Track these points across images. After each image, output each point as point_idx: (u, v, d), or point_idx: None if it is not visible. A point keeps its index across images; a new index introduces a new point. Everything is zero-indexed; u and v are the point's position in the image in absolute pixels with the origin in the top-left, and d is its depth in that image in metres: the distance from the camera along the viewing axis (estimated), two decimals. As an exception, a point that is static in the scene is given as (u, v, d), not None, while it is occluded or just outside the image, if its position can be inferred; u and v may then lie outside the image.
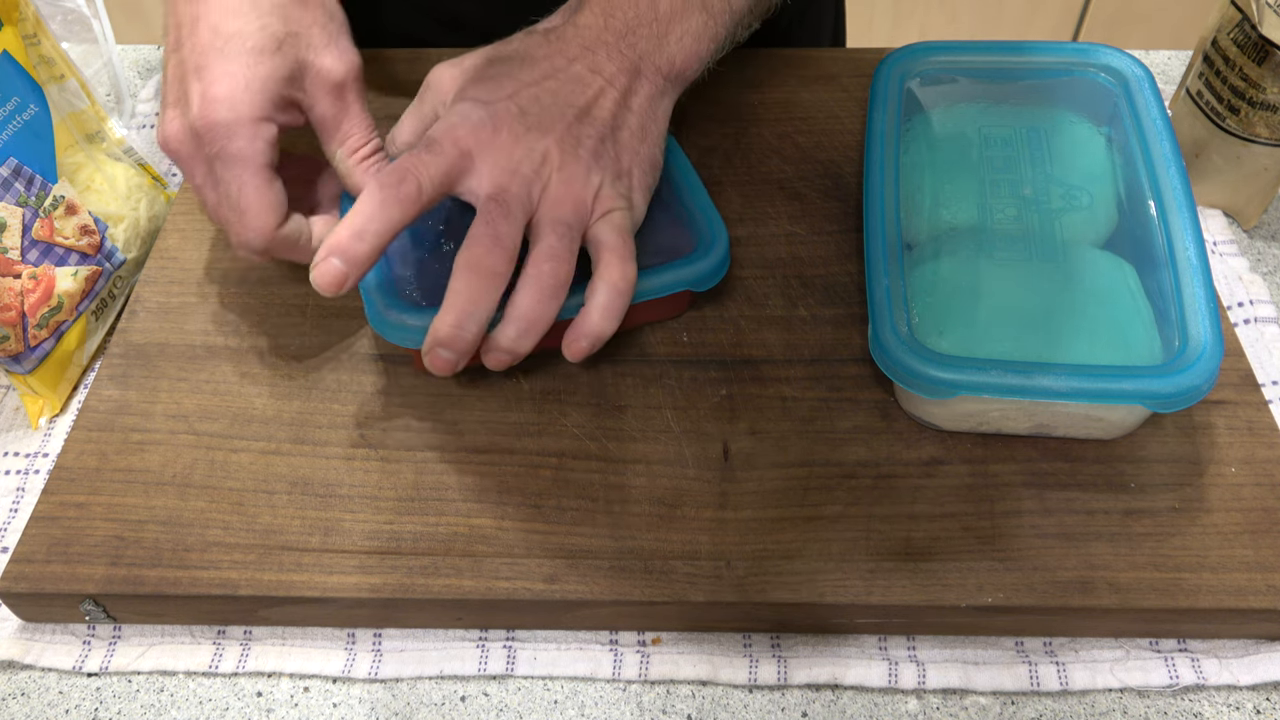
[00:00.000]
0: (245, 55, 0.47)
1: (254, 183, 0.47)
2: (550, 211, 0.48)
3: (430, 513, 0.49)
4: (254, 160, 0.47)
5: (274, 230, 0.49)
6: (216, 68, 0.47)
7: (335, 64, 0.49)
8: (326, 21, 0.49)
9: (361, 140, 0.51)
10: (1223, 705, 0.46)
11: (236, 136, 0.47)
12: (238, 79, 0.46)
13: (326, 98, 0.49)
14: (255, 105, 0.47)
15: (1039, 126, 0.56)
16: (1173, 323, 0.48)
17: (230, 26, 0.47)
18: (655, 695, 0.47)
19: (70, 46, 0.69)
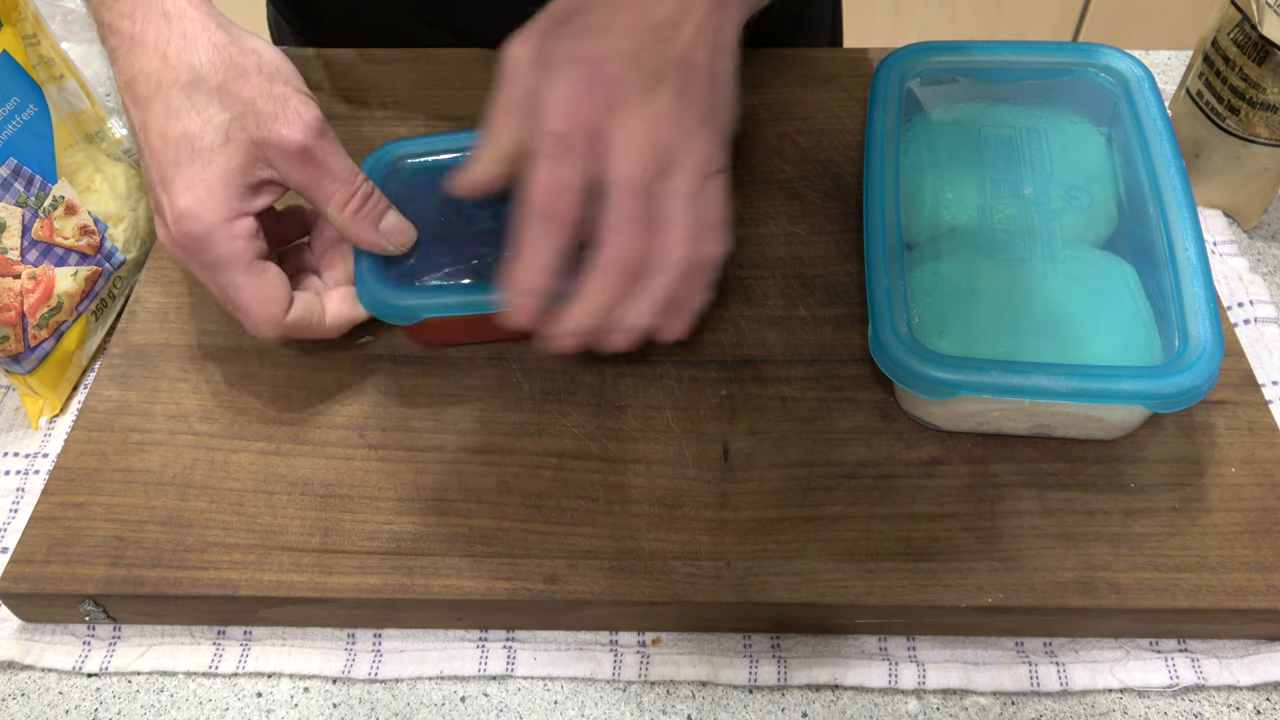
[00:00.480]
0: (196, 159, 0.45)
1: (244, 282, 0.47)
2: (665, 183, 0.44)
3: (430, 513, 0.49)
4: (238, 261, 0.46)
5: (280, 319, 0.48)
6: (177, 180, 0.45)
7: (289, 132, 0.46)
8: (269, 88, 0.46)
9: (347, 194, 0.49)
10: (1223, 705, 0.46)
11: (213, 244, 0.46)
12: (197, 188, 0.45)
13: (295, 166, 0.47)
14: (221, 208, 0.46)
15: (1039, 126, 0.56)
16: (1173, 323, 0.48)
17: (175, 129, 0.45)
18: (655, 695, 0.47)
19: (70, 46, 0.69)
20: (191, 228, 0.45)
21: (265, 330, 0.48)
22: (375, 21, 0.73)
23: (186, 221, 0.45)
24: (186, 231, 0.46)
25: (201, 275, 0.48)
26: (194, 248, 0.46)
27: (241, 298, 0.47)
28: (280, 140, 0.46)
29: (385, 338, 0.55)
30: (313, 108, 0.47)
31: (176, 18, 0.46)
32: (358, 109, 0.65)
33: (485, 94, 0.66)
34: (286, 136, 0.46)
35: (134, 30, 0.47)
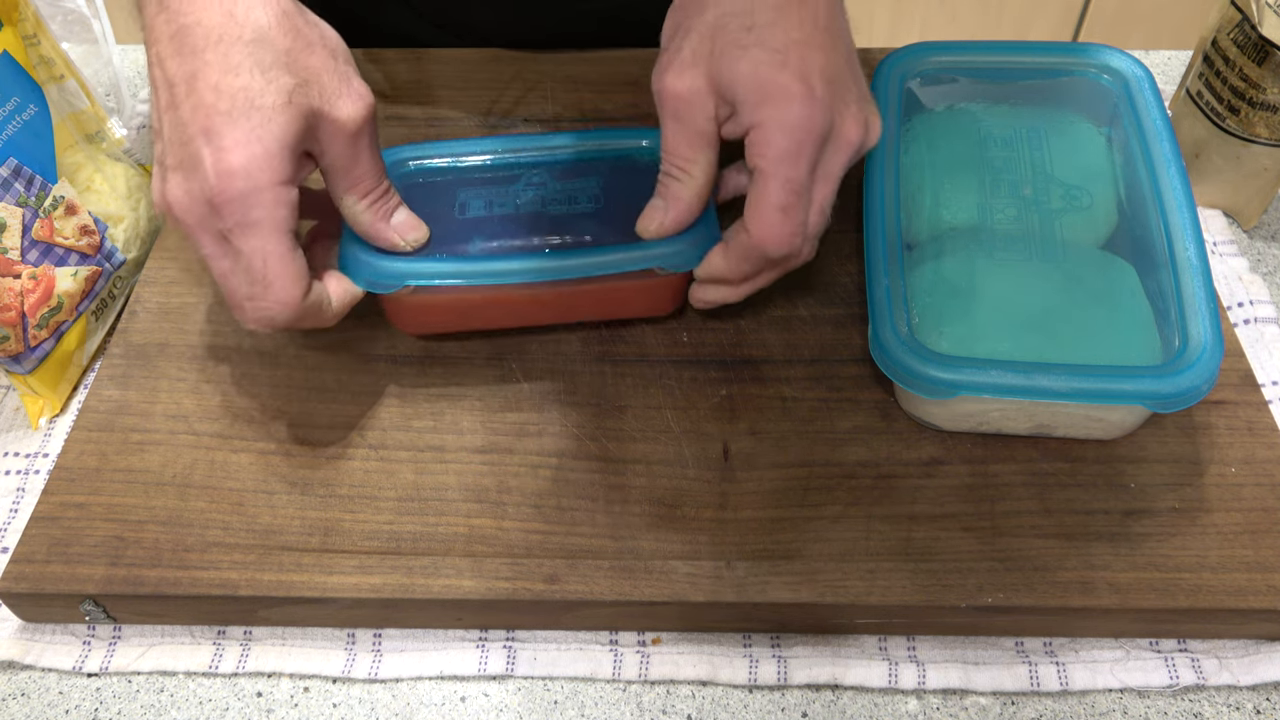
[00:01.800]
0: (255, 114, 0.43)
1: (278, 252, 0.44)
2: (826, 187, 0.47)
3: (430, 513, 0.49)
4: (277, 229, 0.44)
5: (300, 301, 0.46)
6: (227, 134, 0.43)
7: (351, 111, 0.45)
8: (334, 64, 0.46)
9: (372, 184, 0.48)
10: (1223, 705, 0.46)
11: (257, 206, 0.43)
12: (252, 145, 0.43)
13: (342, 146, 0.46)
14: (275, 171, 0.43)
15: (1039, 126, 0.56)
16: (1173, 323, 0.48)
17: (234, 83, 0.43)
18: (655, 695, 0.47)
19: (70, 46, 0.69)
20: (240, 185, 0.43)
21: (280, 310, 0.45)
22: (379, 21, 0.73)
23: (233, 178, 0.43)
24: (230, 190, 0.43)
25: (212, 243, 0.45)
26: (233, 207, 0.43)
27: (270, 268, 0.44)
28: (340, 118, 0.45)
29: (386, 338, 0.55)
30: (370, 93, 0.47)
31: None
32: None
33: (486, 94, 0.66)
34: (347, 116, 0.45)
35: None
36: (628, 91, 0.66)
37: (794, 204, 0.46)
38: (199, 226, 0.44)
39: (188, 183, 0.44)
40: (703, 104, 0.47)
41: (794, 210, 0.46)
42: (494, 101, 0.66)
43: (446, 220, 0.53)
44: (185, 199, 0.44)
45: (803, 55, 0.45)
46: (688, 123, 0.47)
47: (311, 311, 0.47)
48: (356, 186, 0.48)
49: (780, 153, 0.45)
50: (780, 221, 0.46)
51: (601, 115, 0.65)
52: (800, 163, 0.45)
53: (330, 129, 0.45)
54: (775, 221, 0.46)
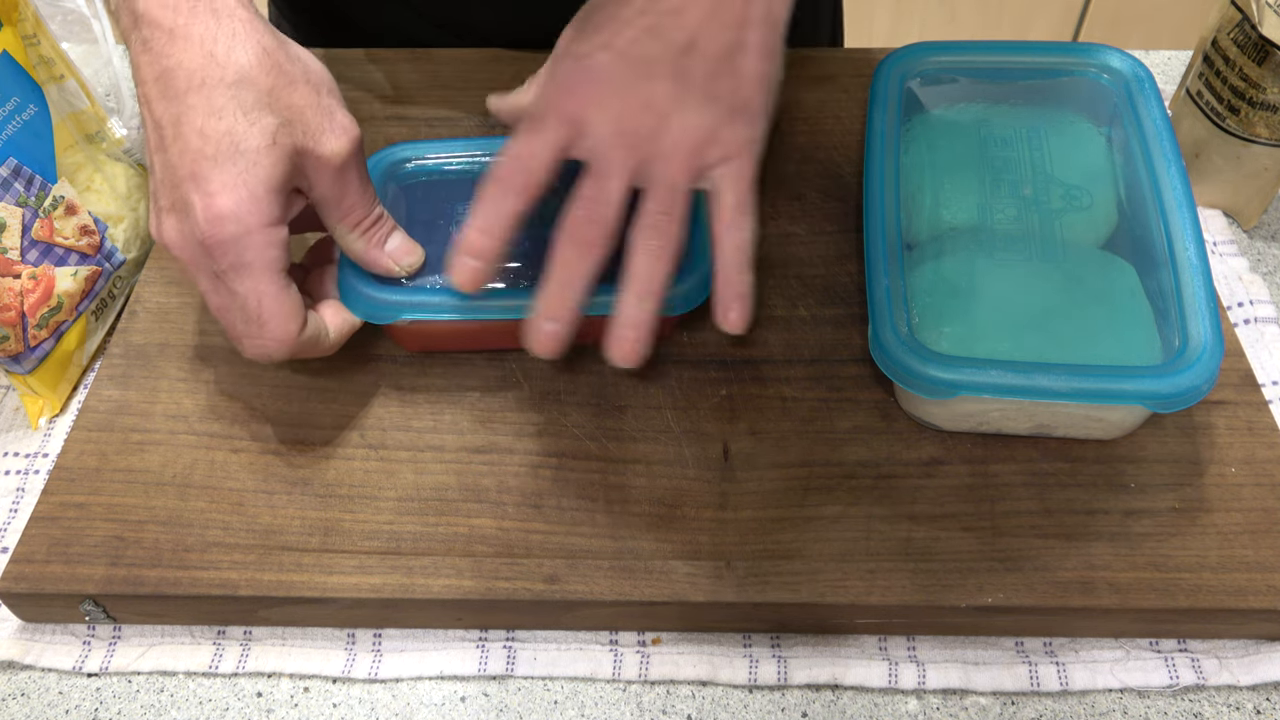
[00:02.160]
0: (240, 159, 0.43)
1: (270, 292, 0.45)
2: (658, 167, 0.46)
3: (430, 513, 0.49)
4: (268, 270, 0.45)
5: (295, 338, 0.46)
6: (215, 178, 0.43)
7: (335, 147, 0.46)
8: (318, 100, 0.46)
9: (364, 214, 0.49)
10: (1223, 705, 0.46)
11: (248, 249, 0.44)
12: (239, 190, 0.43)
13: (329, 180, 0.46)
14: (262, 213, 0.44)
15: (1039, 126, 0.56)
16: (1173, 323, 0.48)
17: (218, 127, 0.43)
18: (655, 695, 0.47)
19: (70, 46, 0.69)
20: (229, 230, 0.43)
21: (276, 348, 0.46)
22: (379, 21, 0.73)
23: (225, 223, 0.43)
24: (219, 234, 0.43)
25: (208, 281, 0.46)
26: (224, 250, 0.44)
27: (265, 308, 0.45)
28: (325, 152, 0.45)
29: (386, 338, 0.55)
30: (354, 124, 0.47)
31: (226, 16, 0.45)
32: (358, 109, 0.65)
33: (486, 94, 0.66)
34: (333, 150, 0.46)
35: (176, 23, 0.44)
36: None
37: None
38: (194, 266, 0.45)
39: (180, 225, 0.44)
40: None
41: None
42: (494, 101, 0.66)
43: (444, 235, 0.52)
44: (179, 240, 0.45)
45: None
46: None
47: (308, 345, 0.48)
48: (347, 218, 0.48)
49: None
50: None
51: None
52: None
53: (315, 165, 0.46)
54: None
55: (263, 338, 0.46)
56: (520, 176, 0.46)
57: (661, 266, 0.46)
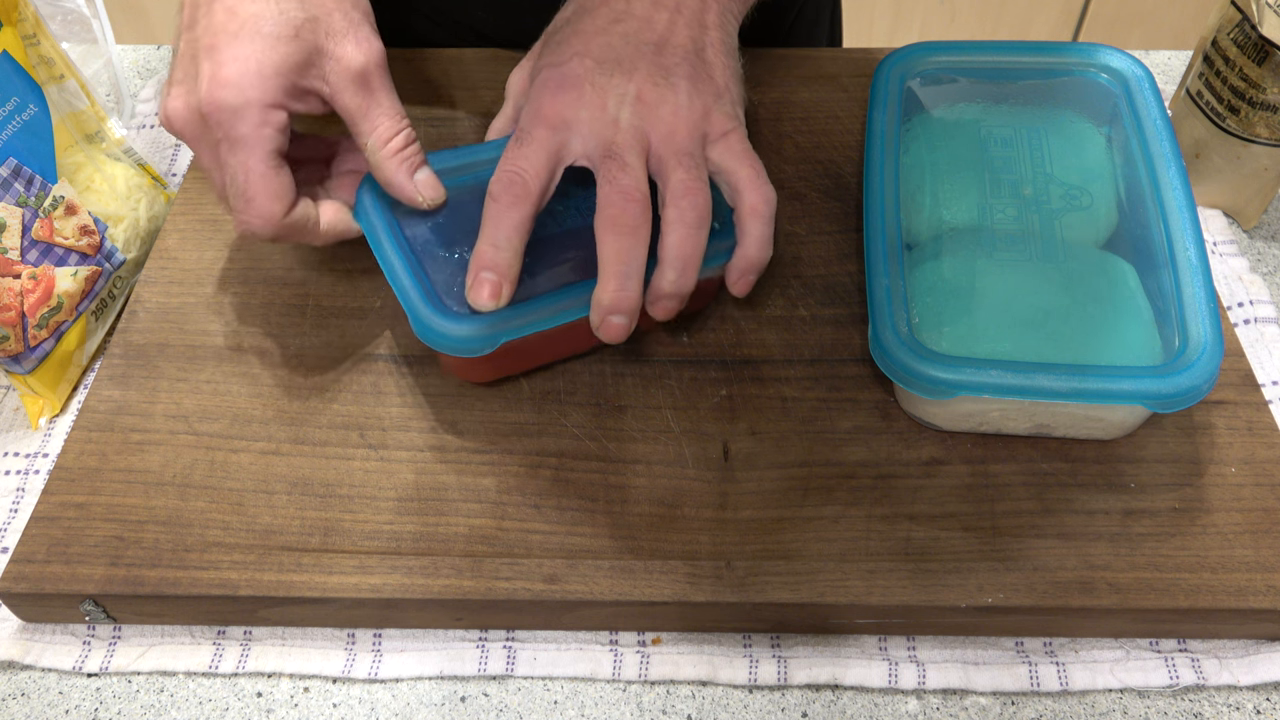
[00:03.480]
0: (259, 39, 0.45)
1: (259, 169, 0.46)
2: (667, 146, 0.47)
3: (430, 513, 0.49)
4: (260, 146, 0.46)
5: (280, 218, 0.47)
6: (228, 50, 0.45)
7: (355, 52, 0.47)
8: (349, 8, 0.48)
9: (391, 131, 0.49)
10: (1223, 705, 0.46)
11: (242, 121, 0.45)
12: (249, 62, 0.45)
13: (350, 87, 0.48)
14: (265, 90, 0.45)
15: (1039, 126, 0.56)
16: (1173, 323, 0.48)
17: (247, 9, 0.46)
18: (655, 695, 0.47)
19: (70, 46, 0.69)
20: (226, 98, 0.45)
21: (259, 225, 0.47)
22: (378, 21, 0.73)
23: (224, 89, 0.45)
24: (218, 100, 0.45)
25: (208, 154, 0.47)
26: (218, 119, 0.45)
27: (251, 184, 0.46)
28: (344, 56, 0.47)
29: (386, 338, 0.55)
30: (379, 41, 0.48)
31: None
32: (358, 109, 0.65)
33: (486, 94, 0.66)
34: (350, 55, 0.47)
35: None
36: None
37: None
38: (194, 139, 0.47)
39: (185, 95, 0.46)
40: None
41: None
42: (494, 101, 0.66)
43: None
44: (182, 110, 0.46)
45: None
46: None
47: (294, 229, 0.49)
48: (374, 131, 0.48)
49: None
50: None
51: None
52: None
53: (335, 67, 0.47)
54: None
55: (248, 213, 0.47)
56: (517, 188, 0.46)
57: (698, 234, 0.47)
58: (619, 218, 0.46)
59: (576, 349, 0.54)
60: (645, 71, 0.48)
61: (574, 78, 0.48)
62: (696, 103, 0.48)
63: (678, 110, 0.48)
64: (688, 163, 0.47)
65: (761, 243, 0.49)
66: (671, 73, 0.48)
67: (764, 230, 0.49)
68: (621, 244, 0.46)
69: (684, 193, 0.47)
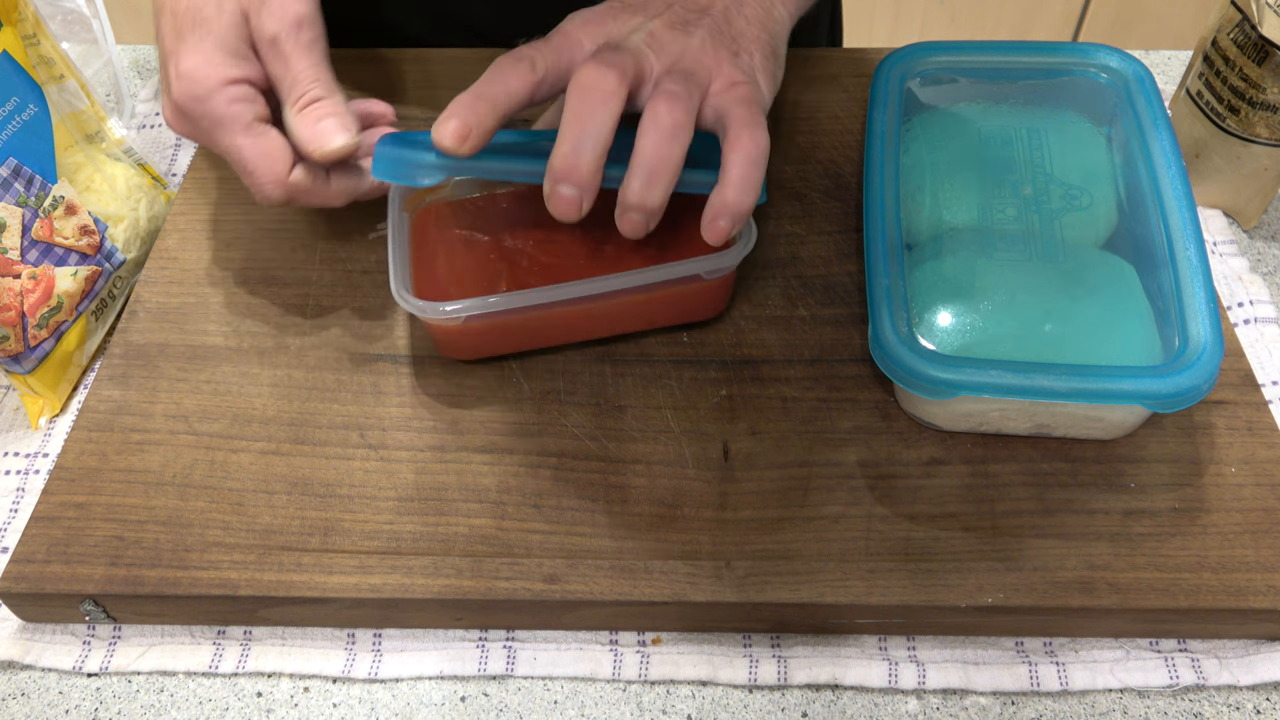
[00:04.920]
0: (199, 27, 0.48)
1: (245, 143, 0.48)
2: (667, 64, 0.47)
3: (430, 513, 0.49)
4: (236, 122, 0.48)
5: (284, 178, 0.49)
6: (180, 47, 0.48)
7: (268, 19, 0.48)
8: None
9: (299, 91, 0.49)
10: (1223, 705, 0.46)
11: (212, 105, 0.48)
12: (196, 53, 0.48)
13: (269, 53, 0.49)
14: (217, 70, 0.48)
15: (1039, 126, 0.56)
16: (1173, 323, 0.48)
17: (184, 5, 0.49)
18: (655, 695, 0.47)
19: (70, 46, 0.69)
20: (191, 89, 0.48)
21: (271, 189, 0.49)
22: (378, 20, 0.73)
23: (187, 82, 0.48)
24: (187, 92, 0.48)
25: (207, 143, 0.50)
26: (195, 110, 0.48)
27: (245, 157, 0.48)
28: (260, 25, 0.49)
29: (386, 338, 0.55)
30: (300, 3, 0.49)
31: None
32: (358, 109, 0.65)
33: (485, 94, 0.66)
34: (263, 22, 0.49)
35: None
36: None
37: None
38: (191, 134, 0.50)
39: (167, 98, 0.49)
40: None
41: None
42: (494, 101, 0.66)
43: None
44: (170, 114, 0.50)
45: None
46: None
47: (304, 190, 0.50)
48: (289, 96, 0.49)
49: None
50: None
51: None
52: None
53: (257, 36, 0.49)
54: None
55: (254, 183, 0.49)
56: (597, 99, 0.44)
57: (670, 144, 0.44)
58: (589, 82, 0.44)
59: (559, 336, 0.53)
60: (667, 18, 0.49)
61: (598, 14, 0.49)
62: (709, 50, 0.48)
63: (687, 48, 0.48)
64: (679, 79, 0.46)
65: (742, 185, 0.45)
66: (692, 25, 0.49)
67: (747, 171, 0.45)
68: (585, 108, 0.44)
69: (662, 98, 0.44)
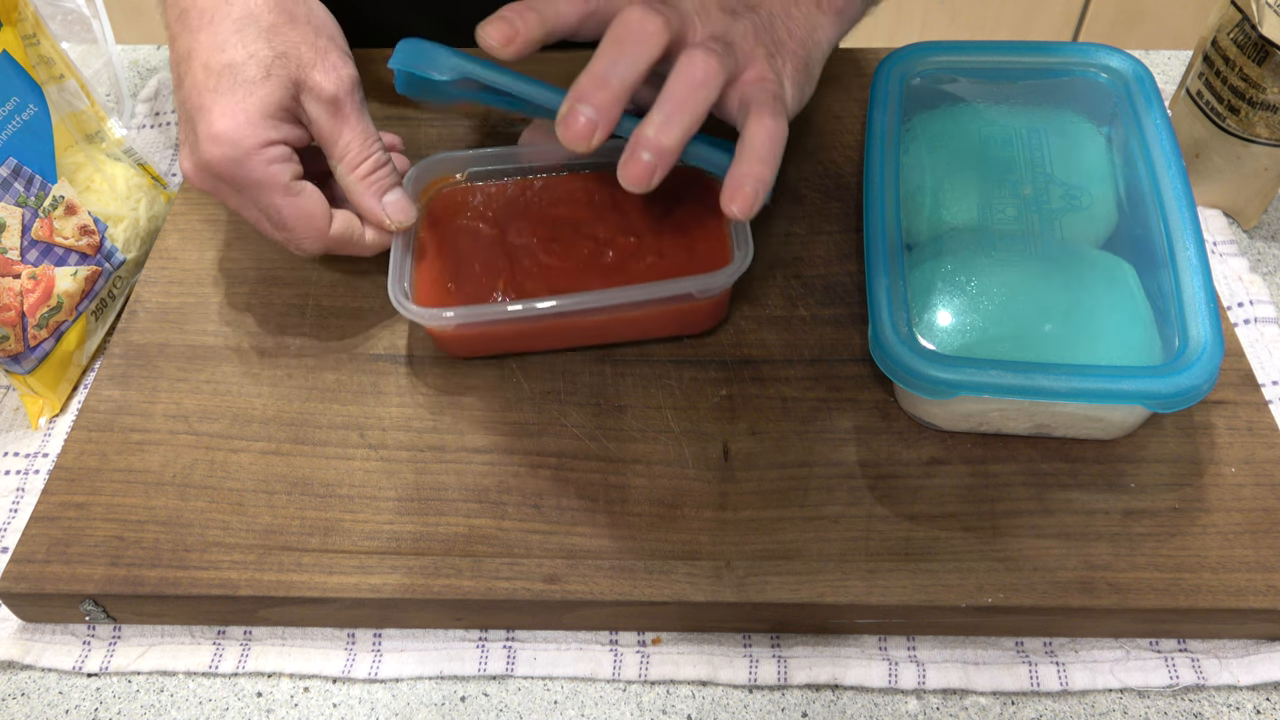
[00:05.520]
0: (238, 88, 0.47)
1: (284, 203, 0.49)
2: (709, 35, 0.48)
3: (430, 513, 0.49)
4: (275, 182, 0.48)
5: (326, 233, 0.51)
6: (214, 106, 0.47)
7: (325, 80, 0.49)
8: (314, 38, 0.49)
9: (360, 155, 0.51)
10: (1223, 705, 0.46)
11: (249, 169, 0.48)
12: (235, 115, 0.47)
13: (323, 114, 0.50)
14: (256, 134, 0.48)
15: (1039, 126, 0.56)
16: (1173, 323, 0.48)
17: (220, 61, 0.48)
18: (655, 695, 0.47)
19: (70, 46, 0.69)
20: (226, 152, 0.47)
21: (311, 244, 0.51)
22: (379, 20, 0.73)
23: (222, 145, 0.47)
24: (220, 155, 0.47)
25: (233, 200, 0.50)
26: (228, 172, 0.48)
27: (285, 216, 0.49)
28: (315, 85, 0.49)
29: (386, 338, 0.55)
30: (349, 65, 0.50)
31: None
32: (358, 109, 0.65)
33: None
34: (320, 82, 0.49)
35: None
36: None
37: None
38: (215, 191, 0.49)
39: (191, 155, 0.49)
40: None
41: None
42: (494, 101, 0.66)
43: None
44: (192, 169, 0.49)
45: None
46: None
47: (342, 242, 0.52)
48: (344, 159, 0.51)
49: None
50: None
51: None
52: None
53: (310, 97, 0.49)
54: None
55: (293, 238, 0.51)
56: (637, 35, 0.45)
57: (696, 91, 0.45)
58: (634, 19, 0.46)
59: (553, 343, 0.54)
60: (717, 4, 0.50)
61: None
62: (749, 40, 0.49)
63: (731, 29, 0.49)
64: (719, 44, 0.47)
65: (763, 155, 0.46)
66: (740, 14, 0.50)
67: (768, 144, 0.46)
68: (624, 41, 0.45)
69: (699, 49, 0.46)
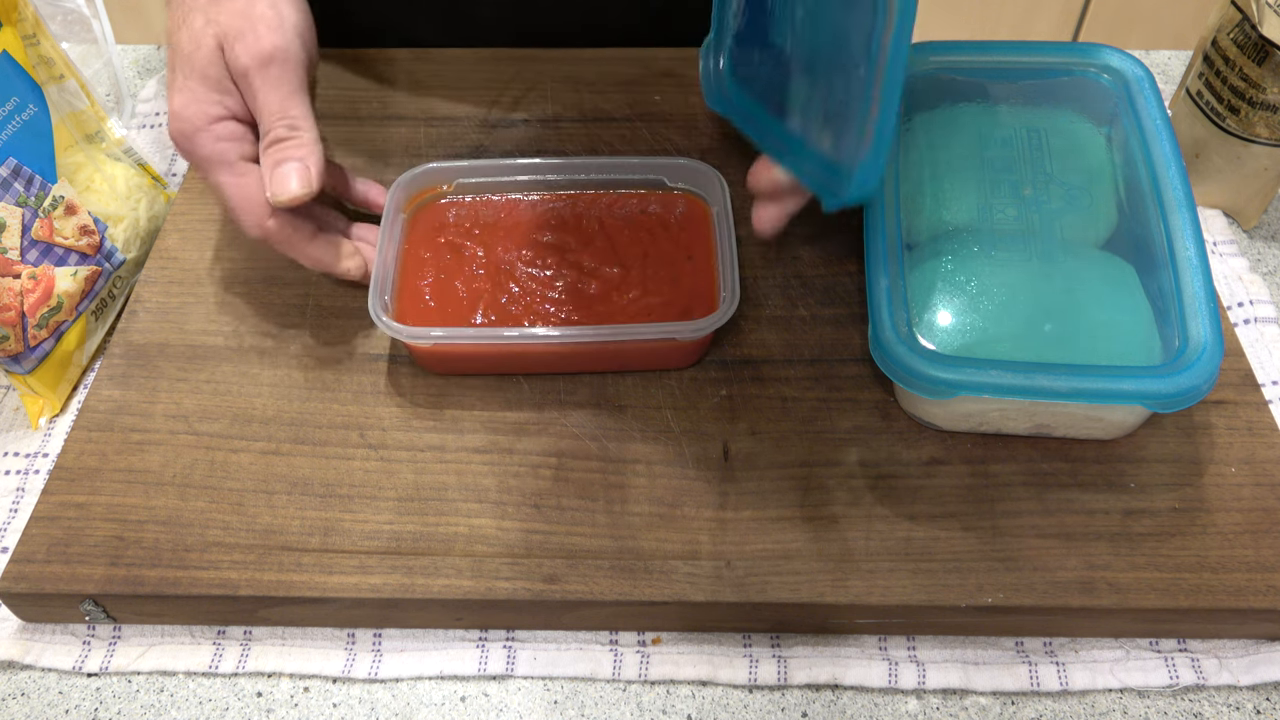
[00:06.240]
0: (184, 65, 0.48)
1: (227, 181, 0.49)
2: None
3: (430, 513, 0.49)
4: (221, 161, 0.49)
5: (264, 221, 0.50)
6: (173, 84, 0.49)
7: (243, 51, 0.48)
8: (249, 9, 0.49)
9: (266, 125, 0.49)
10: (1223, 705, 0.46)
11: (198, 144, 0.48)
12: (184, 91, 0.48)
13: (244, 85, 0.49)
14: (202, 111, 0.48)
15: (1039, 126, 0.56)
16: (1173, 323, 0.48)
17: (179, 38, 0.49)
18: (655, 695, 0.47)
19: (70, 46, 0.69)
20: (181, 127, 0.49)
21: (251, 227, 0.50)
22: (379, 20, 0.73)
23: (177, 121, 0.49)
24: (175, 130, 0.49)
25: (199, 174, 0.50)
26: (183, 147, 0.49)
27: (227, 194, 0.49)
28: (233, 57, 0.49)
29: (386, 338, 0.55)
30: (274, 35, 0.48)
31: None
32: (358, 108, 0.65)
33: (486, 94, 0.66)
34: (239, 54, 0.48)
35: None
36: (626, 91, 0.66)
37: None
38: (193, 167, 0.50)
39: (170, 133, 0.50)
40: None
41: None
42: (494, 101, 0.66)
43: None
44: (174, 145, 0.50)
45: None
46: None
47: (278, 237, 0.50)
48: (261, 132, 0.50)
49: None
50: None
51: (600, 114, 0.65)
52: None
53: (232, 67, 0.49)
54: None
55: (239, 221, 0.50)
56: None
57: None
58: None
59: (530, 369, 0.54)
60: None
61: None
62: None
63: None
64: None
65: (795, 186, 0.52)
66: None
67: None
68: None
69: None
